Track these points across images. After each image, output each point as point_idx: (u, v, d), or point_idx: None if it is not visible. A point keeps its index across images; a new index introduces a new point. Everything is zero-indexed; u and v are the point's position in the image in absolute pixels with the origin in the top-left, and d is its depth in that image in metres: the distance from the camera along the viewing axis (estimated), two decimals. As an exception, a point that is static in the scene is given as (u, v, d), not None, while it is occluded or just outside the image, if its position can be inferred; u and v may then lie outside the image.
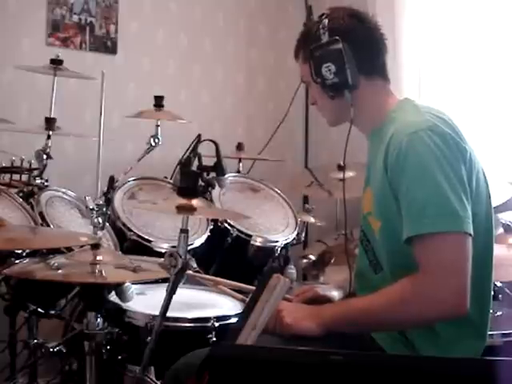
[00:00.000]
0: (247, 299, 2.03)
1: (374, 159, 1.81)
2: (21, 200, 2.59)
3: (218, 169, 2.00)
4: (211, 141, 1.98)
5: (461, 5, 3.48)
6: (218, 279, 2.40)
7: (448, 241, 1.63)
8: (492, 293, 1.84)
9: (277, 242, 2.95)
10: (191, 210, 1.75)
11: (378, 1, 3.63)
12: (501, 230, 2.61)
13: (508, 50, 3.33)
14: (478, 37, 3.41)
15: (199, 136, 1.91)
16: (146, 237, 2.74)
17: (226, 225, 2.90)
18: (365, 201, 1.85)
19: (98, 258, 1.99)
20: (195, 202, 1.76)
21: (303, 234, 3.19)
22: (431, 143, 1.66)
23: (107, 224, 2.45)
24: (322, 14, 1.84)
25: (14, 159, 2.77)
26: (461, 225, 1.62)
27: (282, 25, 4.17)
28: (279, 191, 3.26)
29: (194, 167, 1.84)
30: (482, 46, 3.40)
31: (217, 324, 2.09)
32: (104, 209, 2.21)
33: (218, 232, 2.89)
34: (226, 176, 2.06)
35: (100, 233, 2.24)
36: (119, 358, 2.13)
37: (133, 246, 2.72)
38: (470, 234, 1.63)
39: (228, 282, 2.37)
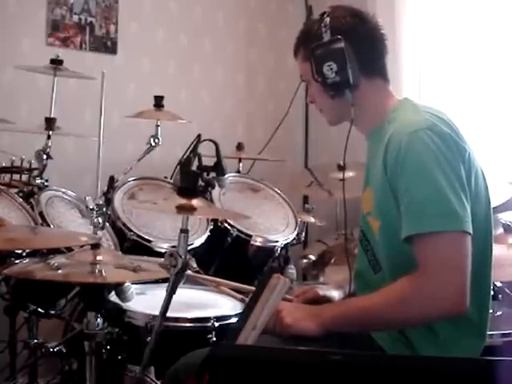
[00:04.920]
0: (247, 299, 2.03)
1: (374, 159, 1.81)
2: (21, 200, 2.59)
3: (218, 169, 2.00)
4: (211, 141, 1.98)
5: (461, 5, 3.49)
6: (218, 280, 2.40)
7: (447, 240, 1.63)
8: (492, 293, 1.85)
9: (277, 242, 2.95)
10: (191, 209, 1.75)
11: (378, 1, 3.63)
12: (501, 230, 2.61)
13: (508, 49, 3.33)
14: (478, 36, 3.41)
15: (199, 136, 1.91)
16: (146, 237, 2.74)
17: (226, 225, 2.90)
18: (364, 201, 1.85)
19: (98, 258, 1.98)
20: (195, 201, 1.76)
21: (303, 234, 3.19)
22: (430, 142, 1.66)
23: (107, 224, 2.45)
24: (324, 13, 1.83)
25: (13, 159, 2.77)
26: (460, 224, 1.62)
27: (282, 25, 4.16)
28: (279, 191, 3.26)
29: (194, 167, 1.84)
30: (482, 46, 3.40)
31: (217, 324, 2.09)
32: (104, 209, 2.21)
33: (218, 232, 2.89)
34: (226, 176, 2.06)
35: (100, 233, 2.24)
36: (119, 358, 2.13)
37: (133, 246, 2.72)
38: (470, 233, 1.64)
39: (228, 282, 2.37)
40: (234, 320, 2.10)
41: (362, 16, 1.86)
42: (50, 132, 2.85)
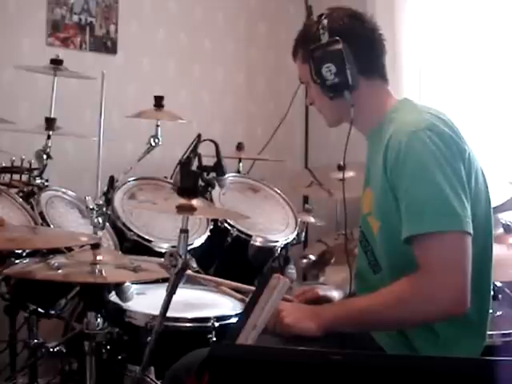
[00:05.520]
0: (247, 299, 2.03)
1: (374, 159, 1.81)
2: (21, 200, 2.59)
3: (218, 169, 2.00)
4: (211, 141, 1.98)
5: (461, 5, 3.49)
6: (218, 279, 2.40)
7: (447, 240, 1.63)
8: (492, 293, 1.85)
9: (277, 242, 2.95)
10: (191, 209, 1.75)
11: (378, 1, 3.63)
12: (501, 230, 2.61)
13: (508, 49, 3.33)
14: (478, 37, 3.41)
15: (199, 136, 1.91)
16: (146, 237, 2.74)
17: (226, 225, 2.90)
18: (364, 201, 1.85)
19: (98, 257, 1.99)
20: (195, 201, 1.76)
21: (303, 234, 3.19)
22: (430, 143, 1.66)
23: (107, 224, 2.45)
24: (321, 15, 1.83)
25: (13, 159, 2.78)
26: (460, 224, 1.62)
27: (282, 25, 4.16)
28: (279, 191, 3.26)
29: (194, 167, 1.84)
30: (482, 46, 3.40)
31: (217, 324, 2.09)
32: (104, 209, 2.21)
33: (218, 232, 2.89)
34: (226, 176, 2.06)
35: (100, 233, 2.24)
36: (119, 357, 2.13)
37: (133, 246, 2.72)
38: (470, 233, 1.64)
39: (228, 282, 2.37)
40: (234, 320, 2.10)
41: (360, 17, 1.86)
42: (50, 132, 2.85)
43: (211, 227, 2.88)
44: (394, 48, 3.43)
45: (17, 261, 2.22)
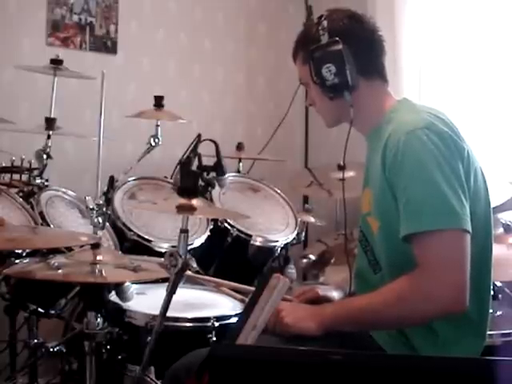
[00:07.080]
0: (247, 299, 2.03)
1: (373, 159, 1.81)
2: (21, 200, 2.59)
3: (218, 169, 2.00)
4: (211, 141, 1.98)
5: (461, 5, 3.49)
6: (218, 280, 2.40)
7: (446, 238, 1.63)
8: (492, 293, 1.85)
9: (277, 241, 2.95)
10: (191, 209, 1.75)
11: (378, 1, 3.62)
12: (501, 230, 2.61)
13: (508, 50, 3.33)
14: (478, 37, 3.41)
15: (199, 136, 1.91)
16: (146, 237, 2.74)
17: (226, 225, 2.90)
18: (363, 201, 1.85)
19: (98, 257, 1.99)
20: (195, 201, 1.76)
21: (303, 234, 3.19)
22: (429, 141, 1.66)
23: (107, 224, 2.45)
24: (321, 16, 1.84)
25: (13, 159, 2.78)
26: (459, 222, 1.63)
27: (282, 25, 4.17)
28: (279, 191, 3.26)
29: (194, 167, 1.84)
30: (482, 47, 3.40)
31: (217, 324, 2.09)
32: (104, 209, 2.21)
33: (218, 232, 2.89)
34: (226, 176, 2.06)
35: (100, 233, 2.24)
36: (119, 357, 2.13)
37: (133, 246, 2.72)
38: (469, 231, 1.64)
39: (228, 282, 2.37)
40: (234, 320, 2.10)
41: (359, 18, 1.86)
42: (50, 132, 2.85)
43: (211, 227, 2.88)
44: (394, 49, 3.43)
45: (17, 261, 2.22)
